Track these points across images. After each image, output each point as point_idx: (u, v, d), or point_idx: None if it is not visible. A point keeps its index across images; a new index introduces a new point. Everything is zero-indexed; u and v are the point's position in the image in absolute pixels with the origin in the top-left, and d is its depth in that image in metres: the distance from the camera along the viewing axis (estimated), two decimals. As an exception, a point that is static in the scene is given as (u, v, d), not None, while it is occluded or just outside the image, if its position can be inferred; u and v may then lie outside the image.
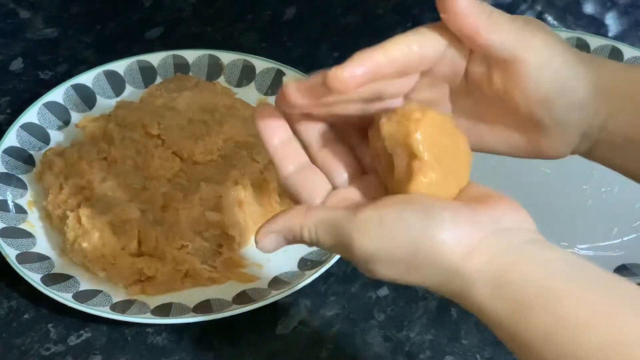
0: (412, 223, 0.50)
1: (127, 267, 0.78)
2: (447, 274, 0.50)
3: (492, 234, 0.50)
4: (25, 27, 1.05)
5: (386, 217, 0.51)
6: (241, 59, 0.97)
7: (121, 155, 0.85)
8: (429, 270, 0.51)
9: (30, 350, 0.77)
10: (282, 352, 0.77)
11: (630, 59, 0.98)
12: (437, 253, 0.50)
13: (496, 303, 0.49)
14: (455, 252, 0.50)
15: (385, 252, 0.51)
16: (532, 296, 0.48)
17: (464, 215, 0.51)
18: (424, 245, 0.50)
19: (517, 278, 0.49)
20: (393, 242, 0.51)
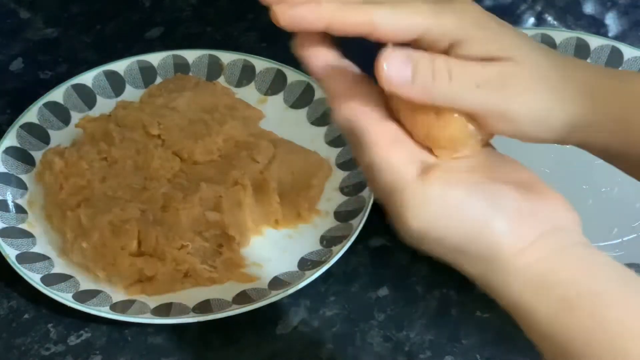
0: (477, 209, 0.48)
1: (127, 267, 0.78)
2: (492, 265, 0.49)
3: (548, 232, 0.49)
4: (25, 27, 1.05)
5: (453, 197, 0.48)
6: (241, 59, 0.97)
7: (121, 155, 0.85)
8: (475, 259, 0.49)
9: (30, 350, 0.77)
10: (282, 352, 0.77)
11: (630, 59, 0.98)
12: (492, 244, 0.49)
13: (538, 302, 0.48)
14: (509, 247, 0.48)
15: (440, 233, 0.49)
16: (578, 298, 0.48)
17: (527, 209, 0.49)
18: (480, 233, 0.49)
19: (564, 279, 0.48)
20: (451, 225, 0.49)
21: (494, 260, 0.49)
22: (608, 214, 0.86)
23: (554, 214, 0.50)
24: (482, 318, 0.79)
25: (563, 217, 0.51)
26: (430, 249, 0.50)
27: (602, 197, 0.88)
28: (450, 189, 0.49)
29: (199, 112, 0.89)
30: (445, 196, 0.48)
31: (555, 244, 0.49)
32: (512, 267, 0.49)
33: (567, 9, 1.09)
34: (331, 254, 0.80)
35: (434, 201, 0.48)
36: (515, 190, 0.50)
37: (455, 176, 0.49)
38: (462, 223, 0.49)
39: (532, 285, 0.49)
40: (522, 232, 0.49)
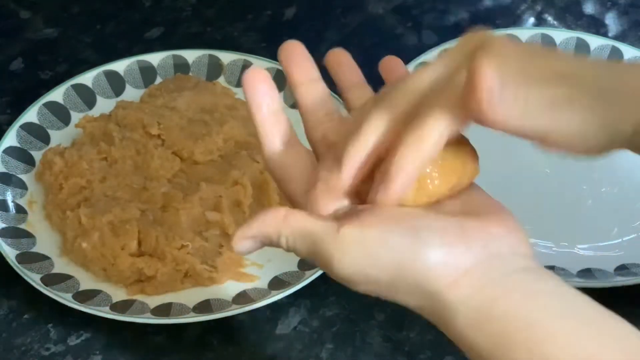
0: (398, 246, 0.48)
1: (127, 267, 0.78)
2: (430, 299, 0.48)
3: (482, 261, 0.48)
4: (25, 27, 1.05)
5: (370, 238, 0.48)
6: (241, 59, 0.97)
7: (121, 155, 0.85)
8: (411, 294, 0.49)
9: (30, 350, 0.77)
10: (282, 352, 0.77)
11: (630, 59, 0.98)
12: (422, 278, 0.48)
13: (478, 335, 0.47)
14: (441, 280, 0.48)
15: (367, 274, 0.49)
16: (515, 333, 0.46)
17: (454, 238, 0.48)
18: (408, 270, 0.48)
19: (501, 312, 0.47)
20: (376, 265, 0.48)
21: (429, 294, 0.48)
22: (608, 214, 0.86)
23: (491, 241, 0.49)
24: (482, 318, 0.79)
25: (504, 243, 0.49)
26: (367, 290, 0.50)
27: (602, 197, 0.88)
28: (367, 231, 0.48)
29: (199, 112, 0.89)
30: (364, 239, 0.48)
31: (489, 274, 0.48)
32: (449, 300, 0.48)
33: (567, 9, 1.09)
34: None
35: (354, 244, 0.48)
36: (440, 223, 0.49)
37: (372, 218, 0.49)
38: (386, 261, 0.48)
39: (470, 318, 0.47)
40: (452, 262, 0.48)
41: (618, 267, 0.81)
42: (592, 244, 0.84)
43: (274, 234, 0.51)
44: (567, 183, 0.88)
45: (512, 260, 0.49)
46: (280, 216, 0.51)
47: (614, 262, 0.82)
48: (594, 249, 0.83)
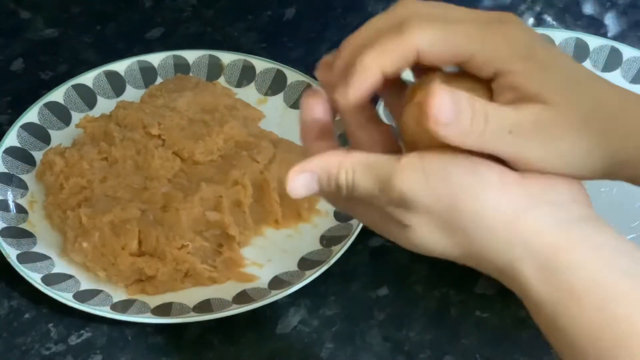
0: (456, 176, 0.48)
1: (127, 267, 0.78)
2: (488, 239, 0.47)
3: (542, 204, 0.48)
4: (25, 28, 1.05)
5: (431, 165, 0.48)
6: (241, 59, 0.97)
7: (122, 155, 0.85)
8: (468, 232, 0.48)
9: (30, 350, 0.77)
10: (282, 352, 0.77)
11: (629, 59, 0.98)
12: (477, 212, 0.47)
13: (541, 286, 0.46)
14: (498, 215, 0.47)
15: (425, 202, 0.48)
16: (583, 289, 0.46)
17: (513, 179, 0.48)
18: (465, 201, 0.47)
19: (566, 264, 0.46)
20: (434, 193, 0.48)
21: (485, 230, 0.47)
22: (607, 214, 0.85)
23: (550, 188, 0.48)
24: (481, 318, 0.79)
25: (563, 190, 0.49)
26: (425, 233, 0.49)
27: (602, 197, 0.88)
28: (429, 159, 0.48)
29: (199, 113, 0.89)
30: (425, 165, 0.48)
31: (552, 217, 0.47)
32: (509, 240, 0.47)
33: (567, 9, 1.09)
34: (331, 254, 0.80)
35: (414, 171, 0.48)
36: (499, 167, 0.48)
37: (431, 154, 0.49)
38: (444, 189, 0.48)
39: (533, 265, 0.47)
40: (508, 201, 0.47)
41: (617, 267, 0.81)
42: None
43: (334, 166, 0.50)
44: (567, 183, 0.88)
45: (573, 207, 0.49)
46: (342, 152, 0.51)
47: (614, 262, 0.82)
48: (593, 248, 0.83)
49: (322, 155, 0.51)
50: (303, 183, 0.51)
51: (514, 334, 0.78)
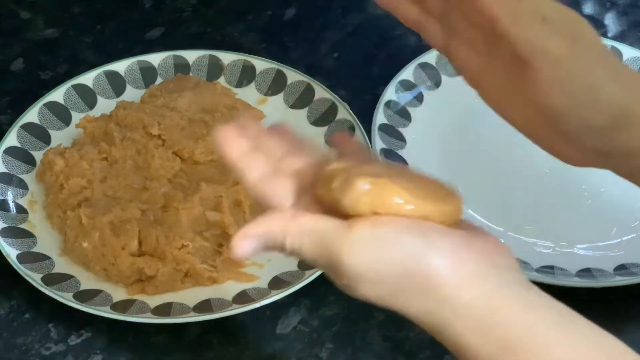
0: (410, 246, 0.48)
1: (127, 267, 0.78)
2: (435, 303, 0.49)
3: (485, 269, 0.49)
4: (25, 28, 1.06)
5: (383, 236, 0.49)
6: (241, 59, 0.97)
7: (122, 155, 0.85)
8: (416, 297, 0.49)
9: (31, 350, 0.77)
10: (282, 352, 0.77)
11: (629, 59, 0.98)
12: (430, 279, 0.48)
13: (481, 341, 0.48)
14: (449, 282, 0.48)
15: (376, 273, 0.49)
16: (517, 339, 0.47)
17: (462, 246, 0.49)
18: (417, 269, 0.48)
19: (503, 319, 0.48)
20: (386, 264, 0.49)
21: (434, 295, 0.49)
22: (607, 214, 0.86)
23: (491, 253, 0.50)
24: (481, 318, 0.79)
25: (501, 256, 0.50)
26: (370, 294, 0.50)
27: (602, 197, 0.88)
28: (380, 228, 0.49)
29: (199, 113, 0.89)
30: (377, 235, 0.49)
31: (494, 282, 0.49)
32: (455, 304, 0.48)
33: (567, 10, 1.09)
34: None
35: (366, 240, 0.49)
36: (448, 230, 0.50)
37: (383, 217, 0.49)
38: (397, 259, 0.49)
39: (474, 323, 0.48)
40: (459, 268, 0.49)
41: (617, 267, 0.81)
42: (591, 243, 0.84)
43: (280, 232, 0.51)
44: (567, 183, 0.88)
45: (508, 272, 0.50)
46: (288, 215, 0.51)
47: (614, 262, 0.82)
48: (593, 248, 0.83)
49: (267, 218, 0.52)
50: (249, 246, 0.52)
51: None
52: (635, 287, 0.79)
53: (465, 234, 0.50)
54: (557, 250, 0.83)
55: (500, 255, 0.51)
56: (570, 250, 0.83)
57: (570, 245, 0.84)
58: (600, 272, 0.81)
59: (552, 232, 0.84)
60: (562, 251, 0.83)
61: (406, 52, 0.96)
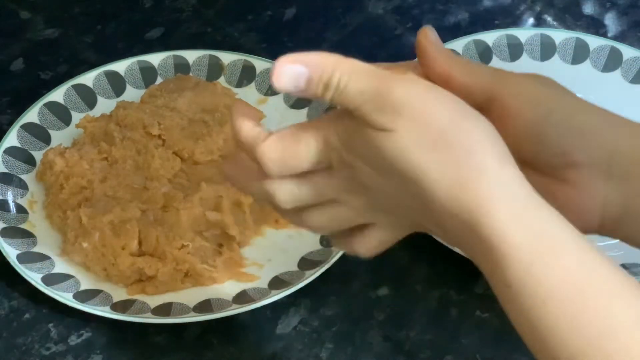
0: (461, 103, 0.48)
1: (127, 267, 0.78)
2: (474, 168, 0.46)
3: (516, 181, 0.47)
4: (25, 28, 1.05)
5: (439, 88, 0.49)
6: (241, 59, 0.97)
7: (122, 155, 0.85)
8: (456, 153, 0.46)
9: (31, 350, 0.77)
10: (282, 352, 0.77)
11: (629, 59, 0.98)
12: (473, 137, 0.47)
13: (519, 230, 0.45)
14: (491, 154, 0.47)
15: (424, 111, 0.47)
16: (563, 242, 0.45)
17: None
18: (463, 126, 0.47)
19: (549, 216, 0.46)
20: (436, 106, 0.47)
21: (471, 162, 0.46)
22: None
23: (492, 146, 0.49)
24: (481, 318, 0.79)
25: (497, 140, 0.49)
26: (406, 140, 0.47)
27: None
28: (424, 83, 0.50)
29: (200, 113, 0.89)
30: (429, 83, 0.50)
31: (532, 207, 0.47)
32: (494, 180, 0.46)
33: (567, 10, 1.09)
34: (331, 254, 0.80)
35: (423, 84, 0.49)
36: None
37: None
38: (446, 108, 0.48)
39: (513, 205, 0.45)
40: (500, 146, 0.48)
41: (617, 267, 0.81)
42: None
43: (329, 66, 0.48)
44: (567, 183, 0.88)
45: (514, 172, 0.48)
46: (338, 56, 0.49)
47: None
48: (593, 248, 0.83)
49: (320, 53, 0.49)
50: (291, 75, 0.48)
51: (514, 334, 0.78)
52: (635, 287, 0.79)
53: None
54: (557, 250, 0.83)
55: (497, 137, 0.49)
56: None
57: (570, 245, 0.83)
58: (600, 272, 0.80)
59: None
60: (562, 251, 0.83)
61: (406, 52, 0.96)
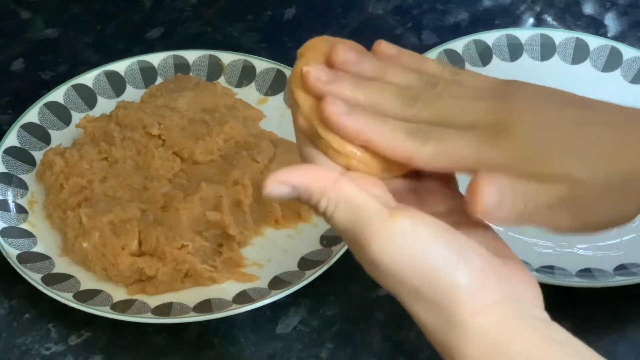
0: (442, 256, 0.47)
1: (127, 267, 0.78)
2: (448, 320, 0.47)
3: (508, 299, 0.48)
4: (25, 28, 1.06)
5: (421, 236, 0.47)
6: (241, 59, 0.97)
7: (122, 155, 0.85)
8: (432, 309, 0.48)
9: (30, 350, 0.77)
10: (282, 352, 0.77)
11: (629, 59, 0.98)
12: (450, 296, 0.47)
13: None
14: (468, 304, 0.47)
15: (400, 271, 0.47)
16: None
17: (492, 269, 0.48)
18: (442, 281, 0.47)
19: (518, 351, 0.46)
20: (414, 266, 0.47)
21: (450, 313, 0.47)
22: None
23: (517, 284, 0.49)
24: (481, 318, 0.79)
25: (526, 289, 0.49)
26: (390, 285, 0.48)
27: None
28: (418, 227, 0.47)
29: (199, 113, 0.89)
30: (414, 233, 0.47)
31: (514, 313, 0.47)
32: (468, 325, 0.47)
33: (567, 9, 1.09)
34: (331, 254, 0.80)
35: (402, 236, 0.47)
36: (482, 250, 0.48)
37: (424, 217, 0.47)
38: (424, 264, 0.47)
39: (485, 351, 0.47)
40: (483, 291, 0.47)
41: (617, 266, 0.81)
42: (591, 243, 0.84)
43: (317, 192, 0.48)
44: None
45: (530, 307, 0.49)
46: (333, 177, 0.48)
47: (614, 262, 0.82)
48: (593, 248, 0.83)
49: (309, 172, 0.49)
50: (280, 192, 0.49)
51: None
52: (636, 287, 0.79)
53: (497, 260, 0.49)
54: (557, 250, 0.83)
55: (526, 288, 0.49)
56: (570, 250, 0.83)
57: (570, 245, 0.83)
58: (601, 272, 0.81)
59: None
60: (562, 251, 0.83)
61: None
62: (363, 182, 0.49)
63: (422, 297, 0.48)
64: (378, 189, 0.49)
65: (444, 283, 0.47)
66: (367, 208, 0.47)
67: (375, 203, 0.47)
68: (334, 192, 0.48)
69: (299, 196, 0.49)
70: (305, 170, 0.49)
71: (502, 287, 0.48)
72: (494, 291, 0.47)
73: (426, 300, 0.47)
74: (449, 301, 0.47)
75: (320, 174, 0.49)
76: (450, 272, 0.47)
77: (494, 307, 0.47)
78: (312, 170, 0.49)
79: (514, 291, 0.48)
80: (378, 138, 0.49)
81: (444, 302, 0.47)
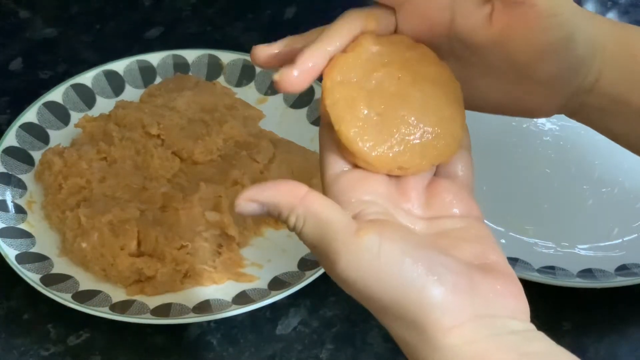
0: (411, 274, 0.45)
1: (126, 267, 0.78)
2: (417, 337, 0.46)
3: (480, 317, 0.46)
4: (25, 27, 1.05)
5: (388, 254, 0.45)
6: (241, 58, 0.97)
7: (121, 155, 0.85)
8: (401, 324, 0.47)
9: (29, 351, 0.76)
10: (282, 352, 0.77)
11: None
12: (422, 314, 0.46)
13: None
14: (440, 322, 0.45)
15: (368, 289, 0.46)
16: None
17: (466, 286, 0.46)
18: (411, 302, 0.45)
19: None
20: (381, 282, 0.46)
21: (421, 332, 0.46)
22: (608, 214, 0.86)
23: (494, 298, 0.47)
24: (482, 318, 0.79)
25: (505, 302, 0.47)
26: (360, 301, 0.48)
27: (603, 197, 0.88)
28: (386, 243, 0.46)
29: (199, 112, 0.89)
30: (380, 249, 0.46)
31: (488, 329, 0.46)
32: (438, 344, 0.46)
33: (568, 9, 1.09)
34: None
35: (368, 253, 0.46)
36: (457, 264, 0.47)
37: (394, 232, 0.46)
38: (393, 283, 0.46)
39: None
40: (454, 309, 0.46)
41: (619, 267, 0.81)
42: (592, 244, 0.84)
43: (285, 208, 0.47)
44: (567, 183, 0.88)
45: (508, 321, 0.47)
46: (300, 193, 0.47)
47: (615, 263, 0.82)
48: (594, 249, 0.83)
49: (277, 188, 0.48)
50: (251, 209, 0.48)
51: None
52: (637, 287, 0.79)
53: (475, 271, 0.47)
54: (558, 250, 0.83)
55: (505, 301, 0.47)
56: (571, 250, 0.83)
57: (571, 245, 0.83)
58: (602, 272, 0.80)
59: (553, 233, 0.84)
60: (564, 251, 0.83)
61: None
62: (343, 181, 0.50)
63: (392, 315, 0.47)
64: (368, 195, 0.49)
65: (412, 301, 0.46)
66: (334, 224, 0.46)
67: (344, 218, 0.47)
68: (301, 208, 0.47)
69: (268, 213, 0.48)
70: (273, 187, 0.48)
71: (475, 304, 0.46)
72: (467, 308, 0.46)
73: (396, 317, 0.47)
74: (419, 319, 0.46)
75: (288, 190, 0.48)
76: (419, 290, 0.45)
77: (467, 325, 0.46)
78: (281, 186, 0.48)
79: (489, 306, 0.47)
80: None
81: (414, 320, 0.46)
